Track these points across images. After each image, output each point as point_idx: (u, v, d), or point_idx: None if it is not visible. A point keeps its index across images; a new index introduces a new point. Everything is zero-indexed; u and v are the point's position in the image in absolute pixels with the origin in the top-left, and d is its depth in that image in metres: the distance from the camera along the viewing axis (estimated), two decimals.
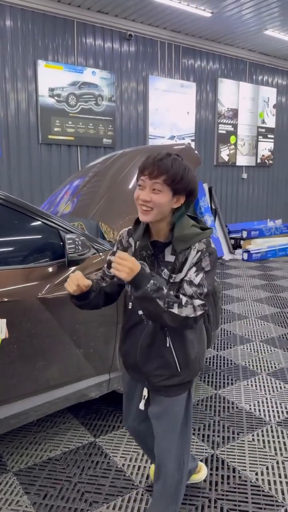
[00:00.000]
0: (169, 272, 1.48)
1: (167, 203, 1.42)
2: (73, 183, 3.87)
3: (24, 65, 6.00)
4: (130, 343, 1.63)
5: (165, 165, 1.38)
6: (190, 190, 1.45)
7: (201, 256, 1.44)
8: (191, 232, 1.46)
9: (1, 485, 2.12)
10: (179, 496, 1.74)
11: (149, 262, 1.53)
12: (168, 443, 1.66)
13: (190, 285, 1.43)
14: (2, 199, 2.15)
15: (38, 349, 2.19)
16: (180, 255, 1.46)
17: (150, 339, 1.55)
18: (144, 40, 7.14)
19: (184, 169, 1.41)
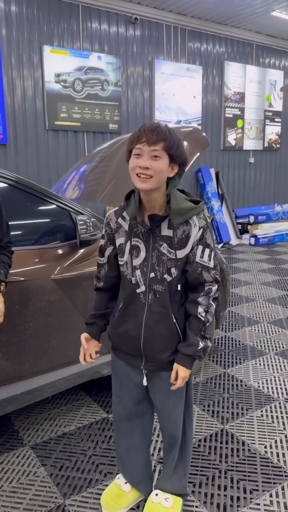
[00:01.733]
0: (168, 247, 1.49)
1: (165, 169, 1.40)
2: (80, 168, 3.90)
3: (30, 51, 5.98)
4: (130, 323, 1.58)
5: (163, 131, 1.38)
6: (184, 159, 1.45)
7: (203, 233, 1.49)
8: (187, 206, 1.47)
9: (18, 457, 2.20)
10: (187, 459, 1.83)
11: (144, 238, 1.51)
12: (172, 410, 1.68)
13: (208, 271, 1.50)
14: (15, 181, 2.19)
15: (52, 327, 2.25)
16: (178, 230, 1.47)
17: (156, 318, 1.54)
18: (150, 23, 7.08)
19: (178, 138, 1.43)
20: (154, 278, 1.52)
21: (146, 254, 1.52)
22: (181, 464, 1.81)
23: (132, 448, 1.83)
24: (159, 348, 1.57)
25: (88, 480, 2.05)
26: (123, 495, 1.87)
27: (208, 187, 7.79)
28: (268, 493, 1.96)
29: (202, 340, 1.52)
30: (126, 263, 1.56)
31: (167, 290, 1.52)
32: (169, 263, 1.50)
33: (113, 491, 1.89)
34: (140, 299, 1.56)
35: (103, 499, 1.88)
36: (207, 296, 1.52)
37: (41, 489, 1.99)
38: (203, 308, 1.52)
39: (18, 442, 2.32)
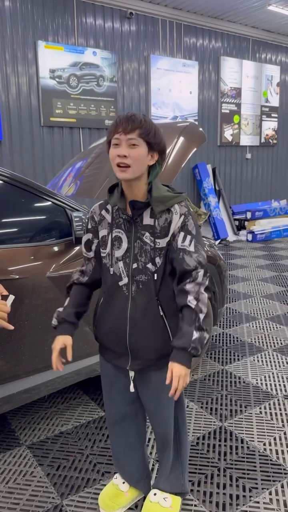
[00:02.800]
0: (150, 236, 1.47)
1: (144, 157, 1.40)
2: (76, 165, 3.86)
3: (24, 47, 5.93)
4: (113, 318, 1.54)
5: (138, 119, 1.39)
6: (163, 146, 1.45)
7: (185, 219, 1.47)
8: (169, 194, 1.47)
9: (15, 457, 2.18)
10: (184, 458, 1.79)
11: (126, 228, 1.49)
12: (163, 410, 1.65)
13: (189, 255, 1.45)
14: (9, 177, 2.15)
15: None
16: (160, 219, 1.46)
17: (141, 310, 1.49)
18: (145, 18, 7.02)
19: (155, 126, 1.43)
20: (136, 269, 1.49)
21: (128, 244, 1.50)
22: (177, 463, 1.79)
23: (128, 448, 1.80)
24: (145, 343, 1.52)
25: (86, 480, 2.02)
26: (121, 495, 1.85)
27: (205, 183, 7.77)
28: (267, 491, 1.94)
29: (197, 330, 1.40)
30: (108, 255, 1.54)
31: (151, 280, 1.48)
32: (152, 253, 1.47)
33: (111, 491, 1.87)
34: (123, 291, 1.51)
35: (100, 499, 1.86)
36: (196, 284, 1.43)
37: (38, 489, 1.97)
38: (193, 295, 1.42)
39: (14, 442, 2.30)
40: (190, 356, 1.40)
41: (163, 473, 1.81)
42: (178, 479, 1.80)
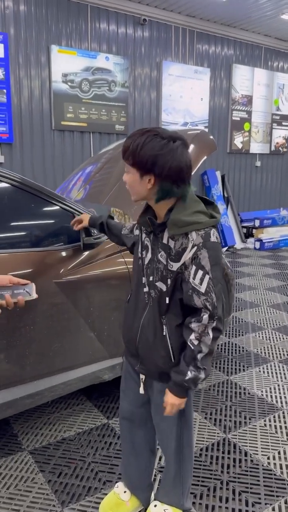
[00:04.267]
0: (166, 257, 1.43)
1: (136, 182, 1.38)
2: (86, 169, 3.87)
3: (38, 51, 5.97)
4: (132, 319, 1.60)
5: (126, 145, 1.37)
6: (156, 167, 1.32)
7: (196, 251, 1.36)
8: (188, 219, 1.36)
9: (16, 462, 2.17)
10: (186, 478, 1.73)
11: (152, 240, 1.50)
12: (167, 424, 1.64)
13: (198, 295, 1.38)
14: (18, 181, 2.16)
15: (54, 331, 2.21)
16: (177, 242, 1.40)
17: (150, 323, 1.52)
18: (158, 25, 7.05)
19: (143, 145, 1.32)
20: (151, 282, 1.50)
21: (151, 256, 1.51)
22: (178, 481, 1.73)
23: (132, 450, 1.82)
24: (148, 354, 1.54)
25: (87, 488, 2.01)
26: (122, 505, 1.84)
27: (213, 190, 7.75)
28: (270, 507, 1.91)
29: (194, 370, 1.41)
30: (140, 259, 1.56)
31: (158, 298, 1.48)
32: (165, 272, 1.44)
33: (112, 500, 1.85)
34: (144, 298, 1.54)
35: (101, 508, 1.84)
36: (201, 324, 1.39)
37: (39, 496, 1.96)
38: (195, 335, 1.40)
39: (16, 447, 2.29)
40: (185, 389, 1.45)
41: (164, 486, 1.79)
42: (177, 496, 1.76)
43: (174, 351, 1.49)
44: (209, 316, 1.39)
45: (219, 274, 1.40)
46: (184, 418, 1.65)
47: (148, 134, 1.35)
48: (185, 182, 1.38)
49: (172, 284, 1.43)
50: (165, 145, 1.33)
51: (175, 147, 1.34)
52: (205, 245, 1.36)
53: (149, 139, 1.33)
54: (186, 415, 1.66)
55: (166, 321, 1.48)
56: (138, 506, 1.88)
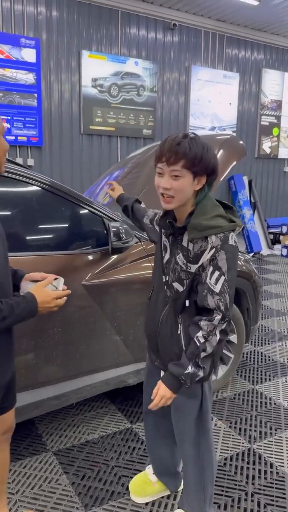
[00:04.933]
0: (184, 259, 1.45)
1: (188, 186, 1.37)
2: (113, 174, 3.89)
3: (69, 56, 6.06)
4: (153, 314, 1.62)
5: (182, 149, 1.33)
6: (211, 168, 1.38)
7: (215, 253, 1.38)
8: (208, 223, 1.38)
9: (41, 463, 2.19)
10: (207, 485, 1.72)
11: (170, 242, 1.53)
12: (184, 426, 1.65)
13: (212, 295, 1.39)
14: (49, 185, 2.19)
15: (81, 333, 2.23)
16: (196, 245, 1.41)
17: (168, 318, 1.55)
18: (188, 29, 7.05)
19: (203, 149, 1.35)
20: (168, 282, 1.53)
21: (169, 257, 1.53)
22: (199, 487, 1.72)
23: (157, 439, 1.88)
24: (165, 351, 1.58)
25: (110, 492, 2.01)
26: (149, 484, 1.97)
27: (240, 195, 7.67)
28: None
29: (193, 366, 1.41)
30: (161, 257, 1.58)
31: (174, 298, 1.50)
32: (183, 274, 1.46)
33: (141, 478, 2.00)
34: (166, 295, 1.56)
35: (131, 483, 2.00)
36: (211, 324, 1.40)
37: (63, 498, 1.97)
38: (203, 333, 1.41)
39: (41, 447, 2.31)
40: (179, 384, 1.44)
41: (185, 494, 1.78)
42: (200, 504, 1.74)
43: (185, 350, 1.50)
44: (221, 317, 1.40)
45: (234, 278, 1.41)
46: (202, 423, 1.64)
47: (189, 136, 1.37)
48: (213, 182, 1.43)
49: (188, 286, 1.45)
50: (206, 146, 1.38)
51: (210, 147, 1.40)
52: (223, 247, 1.38)
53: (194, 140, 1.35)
54: (204, 420, 1.64)
55: (181, 320, 1.51)
56: (164, 490, 1.98)
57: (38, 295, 1.39)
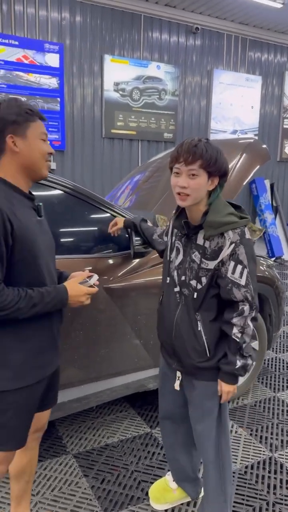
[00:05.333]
0: (200, 256, 1.51)
1: (204, 185, 1.46)
2: (134, 178, 3.91)
3: (91, 60, 6.12)
4: (166, 318, 1.66)
5: (200, 150, 1.42)
6: (224, 170, 1.48)
7: (235, 248, 1.46)
8: (224, 220, 1.46)
9: (61, 465, 2.20)
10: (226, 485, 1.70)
11: (184, 242, 1.58)
12: (204, 426, 1.65)
13: (239, 288, 1.47)
14: (72, 189, 2.20)
15: (102, 336, 2.24)
16: (213, 242, 1.48)
17: (184, 320, 1.58)
18: (211, 33, 7.04)
19: (217, 152, 1.45)
20: (183, 282, 1.57)
21: (183, 257, 1.58)
22: (219, 489, 1.70)
23: (175, 445, 1.88)
24: (184, 351, 1.60)
25: (130, 497, 2.00)
26: (169, 491, 1.96)
27: (261, 198, 7.59)
28: None
29: (241, 358, 1.52)
30: (169, 261, 1.64)
31: (192, 296, 1.54)
32: (200, 272, 1.52)
33: (161, 484, 1.99)
34: (176, 297, 1.61)
35: (151, 490, 1.99)
36: (242, 317, 1.49)
37: (82, 501, 1.97)
38: (238, 329, 1.50)
39: (61, 449, 2.32)
40: (236, 376, 1.55)
41: (206, 498, 1.76)
42: (221, 505, 1.72)
43: (209, 345, 1.55)
44: (249, 306, 1.49)
45: (254, 268, 1.51)
46: (221, 423, 1.65)
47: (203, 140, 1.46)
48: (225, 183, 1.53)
49: (208, 282, 1.50)
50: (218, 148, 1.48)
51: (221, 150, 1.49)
52: (242, 241, 1.46)
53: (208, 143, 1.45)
54: (223, 419, 1.65)
55: (200, 317, 1.55)
56: (185, 496, 1.97)
57: (70, 288, 1.46)
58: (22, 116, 1.34)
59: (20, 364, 1.37)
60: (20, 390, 1.38)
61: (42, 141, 1.40)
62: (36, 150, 1.37)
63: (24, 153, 1.36)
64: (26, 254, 1.33)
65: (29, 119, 1.36)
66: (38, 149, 1.38)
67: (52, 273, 1.50)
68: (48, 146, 1.42)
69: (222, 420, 1.66)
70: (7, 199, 1.31)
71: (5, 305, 1.27)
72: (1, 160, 1.36)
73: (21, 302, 1.30)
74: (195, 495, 1.96)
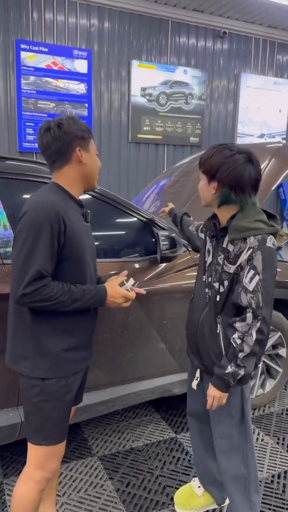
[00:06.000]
0: (224, 259, 1.54)
1: (204, 188, 1.54)
2: (160, 182, 3.92)
3: (119, 66, 6.19)
4: (193, 315, 1.69)
5: (205, 156, 1.53)
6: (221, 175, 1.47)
7: (252, 253, 1.44)
8: (249, 226, 1.47)
9: (86, 467, 2.22)
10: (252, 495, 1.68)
11: (213, 245, 1.62)
12: (225, 429, 1.63)
13: (246, 293, 1.45)
14: (99, 193, 2.23)
15: (128, 340, 2.25)
16: (236, 246, 1.50)
17: (207, 319, 1.60)
18: (238, 37, 7.00)
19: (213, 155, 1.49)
20: (209, 283, 1.61)
21: (212, 259, 1.62)
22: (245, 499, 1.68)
23: (202, 445, 1.88)
24: (205, 350, 1.61)
25: (155, 502, 2.00)
26: (194, 498, 1.95)
27: None
28: None
29: (233, 366, 1.47)
30: (204, 262, 1.67)
31: (215, 298, 1.57)
32: (223, 275, 1.54)
33: (187, 491, 1.98)
34: (205, 298, 1.63)
35: (176, 495, 1.98)
36: (245, 324, 1.46)
37: (108, 504, 1.98)
38: (238, 335, 1.47)
39: (86, 451, 2.34)
40: (224, 383, 1.49)
41: (231, 506, 1.73)
42: None
43: (226, 348, 1.55)
44: (252, 315, 1.44)
45: (270, 278, 1.46)
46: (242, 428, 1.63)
47: (220, 146, 1.53)
48: (244, 191, 1.48)
49: (228, 286, 1.52)
50: (230, 156, 1.48)
51: (238, 158, 1.47)
52: (260, 248, 1.44)
53: (219, 150, 1.50)
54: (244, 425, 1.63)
55: (220, 320, 1.56)
56: (211, 503, 1.95)
57: (109, 289, 1.54)
58: (87, 133, 1.53)
59: (57, 356, 1.45)
60: (57, 381, 1.45)
61: (97, 156, 1.60)
62: (95, 163, 1.58)
63: (88, 165, 1.54)
64: (74, 254, 1.45)
65: (90, 136, 1.57)
66: (96, 163, 1.59)
67: (93, 276, 1.59)
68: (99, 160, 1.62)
69: (245, 426, 1.64)
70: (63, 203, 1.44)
71: (50, 296, 1.38)
72: (64, 169, 1.51)
73: (64, 295, 1.40)
74: (221, 500, 1.95)
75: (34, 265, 1.36)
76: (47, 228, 1.37)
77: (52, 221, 1.37)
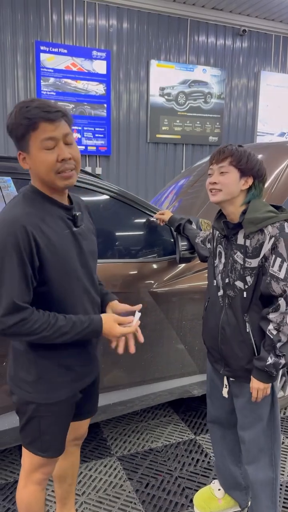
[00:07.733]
0: (243, 256, 1.51)
1: (234, 183, 1.49)
2: (179, 182, 3.90)
3: (138, 66, 6.19)
4: (211, 324, 1.66)
5: (229, 149, 1.49)
6: (257, 171, 1.50)
7: (275, 241, 1.45)
8: (263, 216, 1.47)
9: (106, 467, 2.22)
10: (276, 497, 1.67)
11: (224, 245, 1.59)
12: (255, 432, 1.62)
13: (277, 281, 1.44)
14: (118, 193, 2.23)
15: (147, 341, 2.23)
16: (253, 239, 1.48)
17: (230, 323, 1.57)
18: (258, 34, 6.92)
19: (249, 153, 1.50)
20: (228, 284, 1.57)
21: (225, 260, 1.59)
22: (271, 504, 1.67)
23: (225, 452, 1.85)
24: (232, 354, 1.59)
25: (174, 504, 1.99)
26: (214, 500, 1.93)
27: None
28: None
29: (273, 356, 1.48)
30: (213, 267, 1.66)
31: (239, 297, 1.54)
32: (242, 271, 1.52)
33: (206, 493, 1.96)
34: (219, 302, 1.62)
35: (196, 497, 1.97)
36: (280, 314, 1.45)
37: (127, 504, 1.98)
38: (274, 325, 1.46)
39: (106, 451, 2.35)
40: (268, 375, 1.50)
41: (253, 508, 1.72)
42: None
43: (258, 347, 1.53)
44: (286, 302, 1.44)
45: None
46: (272, 430, 1.62)
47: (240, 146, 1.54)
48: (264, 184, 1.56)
49: (254, 280, 1.50)
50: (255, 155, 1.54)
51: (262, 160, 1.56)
52: (282, 235, 1.45)
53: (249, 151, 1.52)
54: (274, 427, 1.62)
55: (248, 318, 1.53)
56: (232, 506, 1.93)
57: (106, 323, 1.35)
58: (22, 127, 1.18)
59: (52, 379, 1.34)
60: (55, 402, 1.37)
61: (45, 151, 1.19)
62: (40, 164, 1.21)
63: (33, 170, 1.24)
64: (58, 272, 1.25)
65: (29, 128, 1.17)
66: (41, 163, 1.20)
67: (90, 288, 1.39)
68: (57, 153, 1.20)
69: (274, 428, 1.63)
70: (36, 215, 1.21)
71: (32, 331, 1.22)
72: None
73: (49, 329, 1.23)
74: (245, 504, 1.92)
75: (5, 297, 1.17)
76: (13, 251, 1.15)
77: (19, 242, 1.15)
